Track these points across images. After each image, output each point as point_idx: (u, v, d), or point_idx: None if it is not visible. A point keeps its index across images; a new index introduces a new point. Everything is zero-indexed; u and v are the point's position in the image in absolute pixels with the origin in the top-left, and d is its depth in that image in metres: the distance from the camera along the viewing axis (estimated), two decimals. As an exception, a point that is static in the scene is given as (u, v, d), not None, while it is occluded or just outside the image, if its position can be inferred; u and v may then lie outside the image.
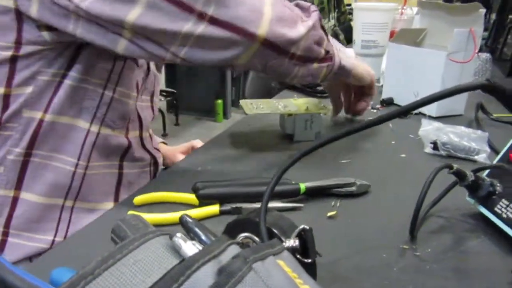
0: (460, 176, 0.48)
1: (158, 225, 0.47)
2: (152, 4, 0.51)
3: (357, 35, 1.26)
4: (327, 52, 0.66)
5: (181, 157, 0.94)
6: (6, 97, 0.59)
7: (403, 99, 0.99)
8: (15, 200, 0.64)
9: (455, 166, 0.47)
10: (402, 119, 0.91)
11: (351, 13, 2.61)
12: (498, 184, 0.48)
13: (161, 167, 0.84)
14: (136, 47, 0.54)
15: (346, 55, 0.73)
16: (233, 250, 0.27)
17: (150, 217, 0.47)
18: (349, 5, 6.05)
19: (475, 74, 1.30)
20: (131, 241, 0.29)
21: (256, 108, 0.75)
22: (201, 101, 3.97)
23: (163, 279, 0.25)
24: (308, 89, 1.10)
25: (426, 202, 0.49)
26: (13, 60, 0.57)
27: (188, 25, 0.52)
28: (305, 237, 0.32)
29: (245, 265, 0.25)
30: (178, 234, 0.29)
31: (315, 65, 0.65)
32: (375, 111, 0.97)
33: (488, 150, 0.71)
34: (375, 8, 1.24)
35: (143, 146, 0.76)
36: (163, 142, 1.01)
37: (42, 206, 0.65)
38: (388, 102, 1.01)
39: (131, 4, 0.51)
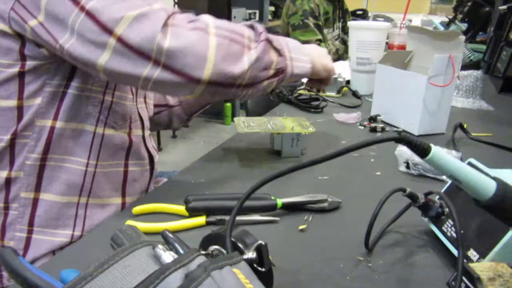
0: (412, 198, 0.55)
1: (151, 233, 0.56)
2: (118, 50, 0.60)
3: (352, 52, 1.33)
4: (277, 70, 0.73)
5: None
6: (20, 108, 0.69)
7: (390, 118, 1.06)
8: (35, 201, 0.73)
9: (408, 189, 0.55)
10: (380, 133, 0.98)
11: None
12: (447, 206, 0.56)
13: (157, 165, 0.92)
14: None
15: (303, 56, 0.78)
16: (200, 260, 0.35)
17: (145, 226, 0.56)
18: (361, 9, 6.02)
19: (467, 91, 1.37)
20: (123, 250, 0.37)
21: (248, 126, 0.83)
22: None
23: (144, 281, 0.33)
24: (303, 104, 1.18)
25: (387, 219, 0.56)
26: (21, 75, 0.67)
27: (147, 70, 0.61)
28: (261, 250, 0.39)
29: (204, 272, 0.33)
30: (160, 246, 0.37)
31: (265, 83, 0.72)
32: (362, 127, 1.04)
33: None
34: (369, 27, 1.31)
35: (145, 144, 0.84)
36: None
37: (60, 204, 0.74)
38: (375, 119, 1.08)
39: (102, 49, 0.60)
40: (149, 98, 0.90)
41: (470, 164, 0.57)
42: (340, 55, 2.27)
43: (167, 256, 0.36)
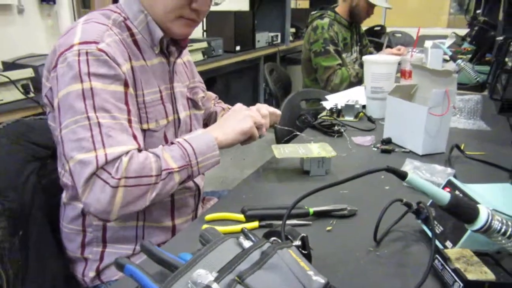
0: (408, 206, 0.77)
1: (224, 233, 0.78)
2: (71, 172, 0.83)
3: (367, 82, 1.56)
4: (182, 181, 0.89)
5: None
6: None
7: (399, 140, 1.27)
8: (104, 226, 1.00)
9: (404, 199, 0.77)
10: (390, 154, 1.20)
11: (375, 43, 2.90)
12: (434, 211, 0.77)
13: (203, 191, 1.15)
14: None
15: (210, 154, 0.92)
16: (267, 244, 0.58)
17: (219, 228, 0.79)
18: (379, 25, 6.14)
19: (469, 113, 1.56)
20: (218, 240, 0.60)
21: (283, 152, 1.06)
22: (236, 121, 4.30)
23: (234, 258, 0.56)
24: (325, 129, 1.40)
25: (392, 221, 0.78)
26: None
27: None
28: (304, 240, 0.62)
29: (273, 250, 0.55)
30: (241, 237, 0.60)
31: (172, 191, 0.89)
32: (375, 149, 1.26)
33: (452, 183, 0.99)
34: (381, 61, 1.53)
35: None
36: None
37: (123, 228, 0.99)
38: (387, 142, 1.29)
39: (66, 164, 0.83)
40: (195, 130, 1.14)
41: (449, 181, 0.79)
42: (360, 78, 2.48)
43: (247, 243, 0.59)
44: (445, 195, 0.60)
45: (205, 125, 1.32)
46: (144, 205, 0.84)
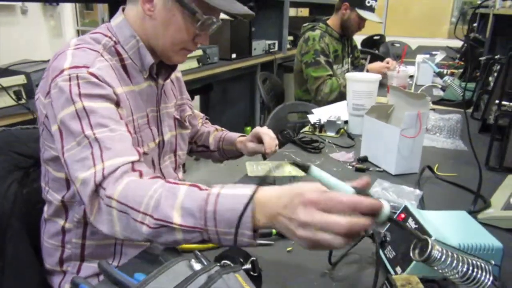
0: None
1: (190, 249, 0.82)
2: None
3: (349, 99, 1.59)
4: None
5: (251, 145, 1.22)
6: (67, 180, 0.97)
7: (374, 159, 1.30)
8: (83, 245, 1.02)
9: (361, 224, 0.79)
10: (364, 173, 1.23)
11: (371, 54, 2.92)
12: (389, 236, 0.80)
13: None
14: None
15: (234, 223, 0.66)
16: (216, 268, 0.61)
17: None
18: (378, 35, 6.16)
19: (448, 132, 1.59)
20: (172, 261, 0.63)
21: (255, 170, 1.09)
22: (232, 127, 4.31)
23: (184, 279, 0.59)
24: (304, 145, 1.43)
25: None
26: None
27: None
28: (254, 263, 0.65)
29: (218, 275, 0.58)
30: (193, 260, 0.63)
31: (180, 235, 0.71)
32: (351, 167, 1.29)
33: (415, 206, 1.01)
34: (363, 79, 1.56)
35: None
36: (242, 135, 1.32)
37: (102, 246, 1.02)
38: (363, 160, 1.32)
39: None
40: (181, 150, 1.17)
41: (405, 208, 0.81)
42: None
43: (198, 266, 0.62)
44: (348, 189, 0.63)
45: (194, 143, 1.36)
46: (141, 239, 0.74)
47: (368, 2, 2.51)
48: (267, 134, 1.18)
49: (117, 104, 0.89)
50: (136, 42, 0.97)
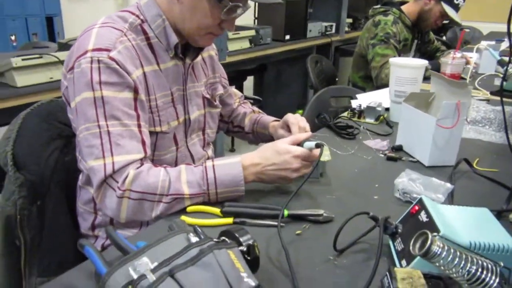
0: (374, 219, 0.78)
1: (195, 225, 0.84)
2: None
3: (391, 86, 1.53)
4: (193, 202, 0.91)
5: (281, 132, 1.21)
6: None
7: (409, 148, 1.25)
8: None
9: (371, 213, 0.78)
10: (396, 162, 1.19)
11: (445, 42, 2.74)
12: (400, 228, 0.77)
13: None
14: None
15: (231, 184, 0.92)
16: (210, 243, 0.62)
17: (192, 220, 0.85)
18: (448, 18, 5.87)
19: (499, 125, 1.49)
20: (170, 233, 0.65)
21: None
22: (284, 110, 4.31)
23: (180, 251, 0.61)
24: (339, 131, 1.40)
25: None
26: None
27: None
28: (249, 247, 0.66)
29: (209, 249, 0.60)
30: (191, 234, 0.65)
31: (188, 202, 0.91)
32: (382, 155, 1.25)
33: (442, 200, 0.97)
34: (407, 65, 1.49)
35: None
36: (276, 120, 1.30)
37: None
38: (398, 149, 1.27)
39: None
40: (210, 128, 1.19)
41: (420, 200, 0.78)
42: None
43: (194, 239, 0.64)
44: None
45: (230, 123, 1.38)
46: (149, 218, 0.91)
47: (457, 0, 2.36)
48: (296, 124, 1.13)
49: (135, 90, 0.93)
50: (162, 21, 0.99)
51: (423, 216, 0.74)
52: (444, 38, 4.86)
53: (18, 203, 1.03)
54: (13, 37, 3.50)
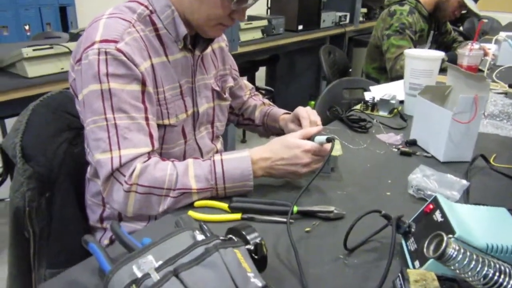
0: (386, 218, 0.76)
1: (202, 220, 0.83)
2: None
3: (406, 78, 1.49)
4: (200, 197, 0.89)
5: (291, 126, 1.18)
6: None
7: (423, 143, 1.22)
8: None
9: (383, 211, 0.75)
10: (409, 157, 1.16)
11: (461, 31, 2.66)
12: (414, 227, 0.75)
13: None
14: None
15: (241, 178, 0.90)
16: (215, 242, 0.61)
17: (199, 215, 0.83)
18: (480, 17, 5.78)
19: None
20: (176, 231, 0.64)
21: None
22: (296, 100, 4.29)
23: (185, 250, 0.59)
24: (351, 124, 1.37)
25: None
26: None
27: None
28: (257, 245, 0.64)
29: (215, 248, 0.58)
30: (197, 231, 0.64)
31: (195, 196, 0.89)
32: (396, 150, 1.21)
33: (457, 198, 0.94)
34: (422, 57, 1.45)
35: None
36: (286, 113, 1.27)
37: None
38: (412, 143, 1.24)
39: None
40: (219, 121, 1.17)
41: (435, 199, 0.75)
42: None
43: (200, 237, 0.63)
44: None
45: (241, 115, 1.36)
46: (157, 213, 0.90)
47: None
48: (306, 118, 1.10)
49: (143, 83, 0.91)
50: (171, 12, 0.96)
51: (437, 216, 0.72)
52: (461, 28, 4.75)
53: (27, 195, 1.02)
54: (27, 27, 3.52)
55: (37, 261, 1.06)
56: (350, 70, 3.04)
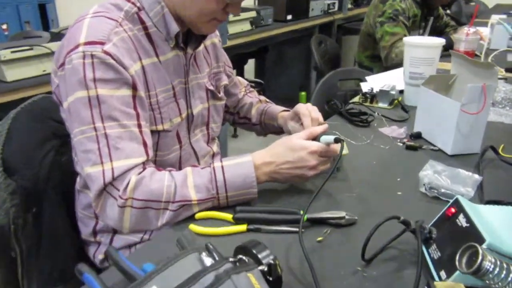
0: (405, 224, 0.70)
1: (205, 235, 0.76)
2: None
3: (405, 67, 1.43)
4: (201, 208, 0.83)
5: (291, 124, 1.10)
6: None
7: (429, 136, 1.17)
8: None
9: (402, 217, 0.70)
10: (416, 151, 1.10)
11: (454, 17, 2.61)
12: (435, 232, 0.70)
13: None
14: None
15: (243, 186, 0.83)
16: (227, 265, 0.55)
17: (200, 229, 0.77)
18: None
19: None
20: (180, 253, 0.57)
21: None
22: (286, 92, 4.21)
23: (190, 277, 0.53)
24: (351, 118, 1.31)
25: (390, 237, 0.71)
26: None
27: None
28: (270, 265, 0.58)
29: (226, 275, 0.52)
30: (204, 253, 0.57)
31: (196, 208, 0.83)
32: (401, 144, 1.16)
33: (472, 194, 0.89)
34: (422, 44, 1.39)
35: None
36: (285, 110, 1.20)
37: None
38: (416, 136, 1.19)
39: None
40: (214, 122, 1.10)
41: (456, 201, 0.70)
42: None
43: (208, 261, 0.56)
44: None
45: (236, 114, 1.29)
46: (155, 228, 0.83)
47: None
48: (308, 116, 1.02)
49: (134, 87, 0.84)
50: (160, 9, 0.89)
51: (462, 221, 0.66)
52: (448, 11, 4.71)
53: (11, 211, 0.95)
54: (4, 26, 3.37)
55: (27, 282, 0.99)
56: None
